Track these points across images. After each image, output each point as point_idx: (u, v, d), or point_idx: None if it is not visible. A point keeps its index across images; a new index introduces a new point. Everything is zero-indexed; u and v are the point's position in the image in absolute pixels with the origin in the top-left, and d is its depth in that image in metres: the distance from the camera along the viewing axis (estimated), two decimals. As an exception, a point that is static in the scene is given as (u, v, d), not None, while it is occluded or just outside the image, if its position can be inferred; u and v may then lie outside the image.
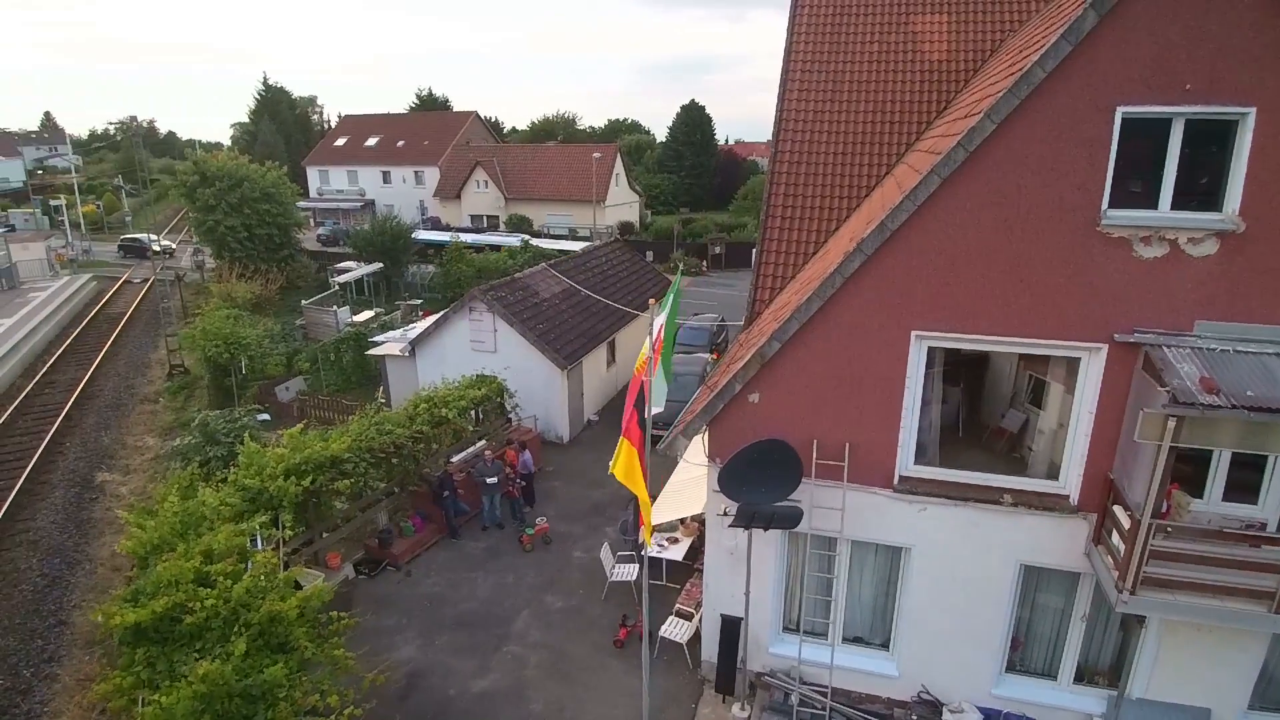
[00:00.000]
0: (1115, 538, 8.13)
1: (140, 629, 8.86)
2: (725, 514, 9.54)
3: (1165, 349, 7.70)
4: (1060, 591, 9.43)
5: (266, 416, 22.63)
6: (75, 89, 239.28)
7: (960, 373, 11.67)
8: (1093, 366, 8.30)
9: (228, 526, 11.08)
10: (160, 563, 9.71)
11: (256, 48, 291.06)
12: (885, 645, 10.39)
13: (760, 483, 9.19)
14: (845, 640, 10.49)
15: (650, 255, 47.56)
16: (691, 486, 12.85)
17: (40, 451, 19.16)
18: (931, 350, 9.00)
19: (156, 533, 10.90)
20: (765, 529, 9.19)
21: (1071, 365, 8.67)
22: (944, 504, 9.24)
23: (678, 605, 12.36)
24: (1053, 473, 9.05)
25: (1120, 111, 7.40)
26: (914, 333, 8.77)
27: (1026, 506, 8.91)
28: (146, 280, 41.40)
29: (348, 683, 9.21)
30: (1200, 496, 8.54)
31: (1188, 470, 8.48)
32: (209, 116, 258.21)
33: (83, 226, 55.90)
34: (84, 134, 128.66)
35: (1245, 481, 8.50)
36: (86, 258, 50.63)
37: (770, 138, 16.16)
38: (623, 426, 7.47)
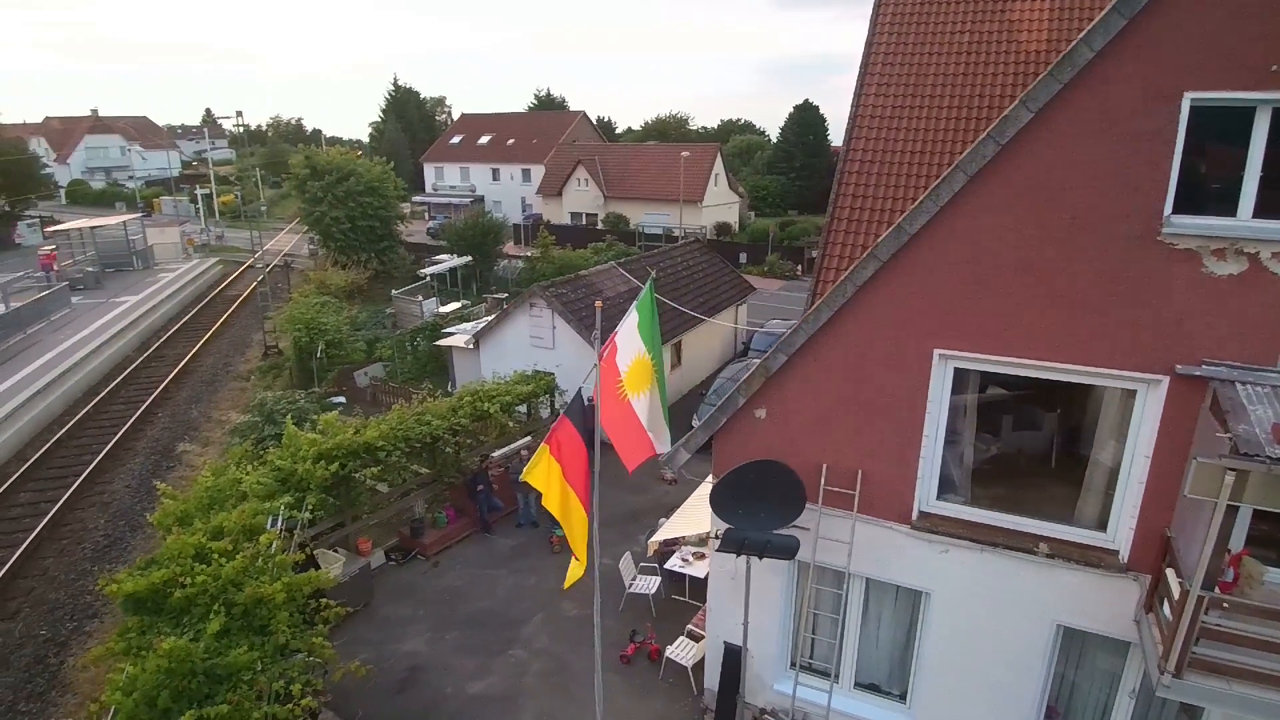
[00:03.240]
0: (1167, 607, 6.82)
1: (139, 599, 9.11)
2: (715, 537, 8.79)
3: (1237, 386, 6.37)
4: (1106, 661, 8.11)
5: (342, 400, 23.52)
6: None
7: (1058, 395, 10.29)
8: (1150, 402, 7.02)
9: (252, 505, 11.35)
10: (172, 536, 10.00)
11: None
12: (903, 697, 9.31)
13: (758, 507, 8.39)
14: (858, 686, 9.50)
15: (744, 258, 46.57)
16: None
17: (132, 420, 20.64)
18: (961, 372, 7.93)
19: (182, 507, 11.31)
20: (760, 558, 8.38)
21: (1127, 399, 7.38)
22: (969, 548, 8.12)
23: (689, 626, 11.66)
24: (1101, 522, 7.76)
25: (1188, 98, 6.16)
26: (937, 351, 7.73)
27: (1066, 559, 7.68)
28: (268, 266, 44.37)
29: (319, 673, 9.12)
30: (1283, 566, 7.08)
31: (1271, 532, 7.05)
32: (352, 115, 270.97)
33: (217, 214, 60.60)
34: (239, 130, 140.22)
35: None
36: (219, 243, 54.92)
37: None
38: (548, 434, 6.74)
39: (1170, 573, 6.89)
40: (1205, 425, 6.59)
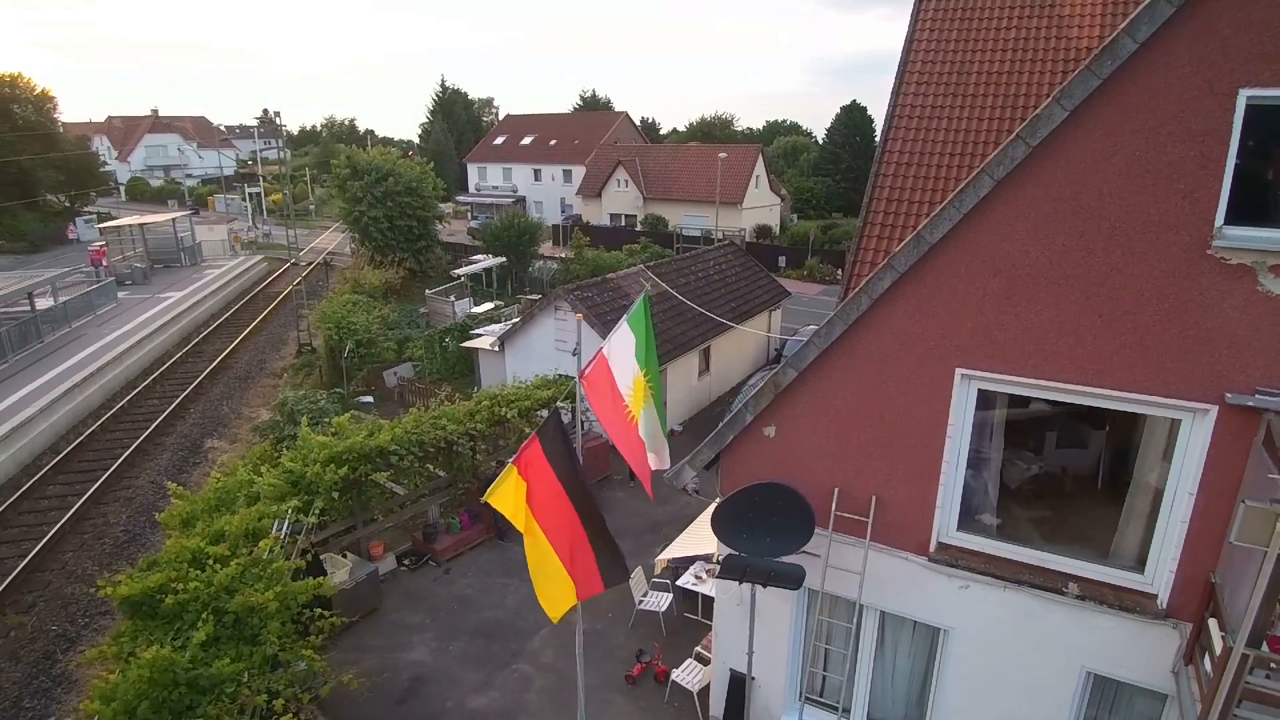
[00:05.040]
0: (1208, 661, 6.13)
1: (134, 602, 9.01)
2: (716, 563, 8.31)
3: (1297, 419, 5.67)
4: (1140, 713, 7.39)
5: (370, 399, 23.61)
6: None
7: (1094, 419, 9.55)
8: (1196, 433, 6.32)
9: (257, 508, 11.24)
10: (170, 539, 9.92)
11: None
12: (920, 739, 8.69)
13: (764, 531, 7.90)
14: (872, 724, 8.91)
15: (783, 261, 45.76)
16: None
17: (165, 415, 20.95)
18: (986, 394, 7.31)
19: (188, 508, 11.25)
20: (763, 585, 7.88)
21: (1170, 429, 6.68)
22: (992, 584, 7.49)
23: (698, 649, 11.17)
24: (1139, 563, 7.06)
25: (1244, 96, 5.48)
26: (960, 371, 7.12)
27: (1098, 601, 7.00)
28: (309, 264, 45.14)
29: (307, 685, 8.89)
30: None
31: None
32: (404, 116, 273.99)
33: (264, 212, 61.97)
34: (295, 130, 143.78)
35: None
36: (266, 240, 56.12)
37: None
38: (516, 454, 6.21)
39: (1213, 623, 6.19)
40: (1257, 462, 5.89)
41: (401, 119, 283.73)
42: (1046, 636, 7.35)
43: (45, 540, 14.43)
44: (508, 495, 5.84)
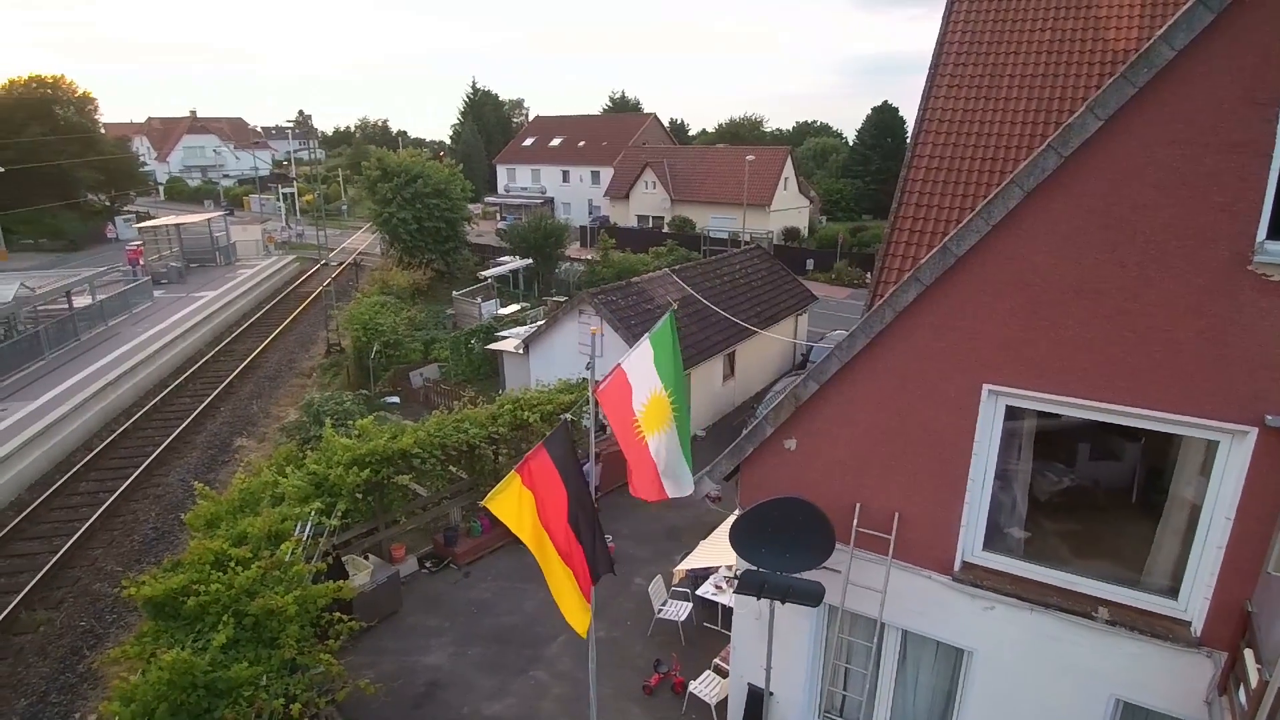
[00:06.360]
0: (1243, 693, 5.88)
1: (157, 603, 9.13)
2: (734, 577, 8.18)
3: (1343, 445, 5.40)
4: (1174, 744, 7.12)
5: (396, 400, 23.81)
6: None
7: (1129, 435, 9.22)
8: (1234, 456, 6.06)
9: (280, 509, 11.35)
10: (193, 540, 10.03)
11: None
12: (942, 761, 8.48)
13: (783, 546, 7.74)
14: (892, 744, 8.71)
15: (810, 264, 45.33)
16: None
17: (195, 414, 21.32)
18: (1014, 410, 7.10)
19: (213, 509, 11.38)
20: (782, 602, 7.74)
21: (1207, 451, 6.42)
22: (1017, 606, 7.27)
23: (716, 660, 11.05)
24: (1172, 589, 6.81)
25: (1289, 105, 5.25)
26: (987, 387, 6.92)
27: (1128, 627, 6.76)
28: (339, 264, 45.74)
29: (324, 689, 8.93)
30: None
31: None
32: (438, 116, 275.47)
33: (297, 212, 62.95)
34: (329, 130, 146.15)
35: None
36: (299, 240, 57.00)
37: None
38: (520, 462, 6.22)
39: (1249, 654, 5.93)
40: (1301, 488, 5.63)
41: (434, 120, 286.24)
42: (1074, 662, 7.11)
43: (76, 537, 14.73)
44: (509, 503, 5.80)
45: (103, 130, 63.66)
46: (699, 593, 12.55)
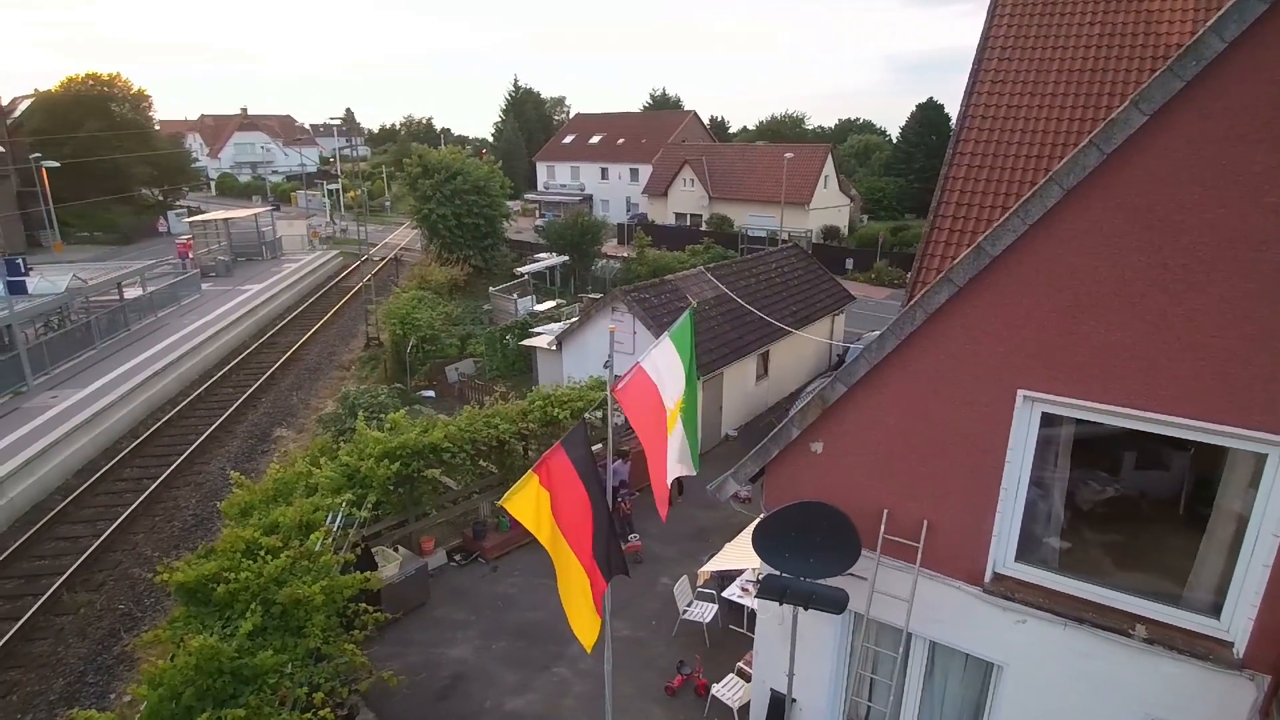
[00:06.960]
0: (1292, 722, 5.58)
1: (189, 589, 9.34)
2: (756, 581, 8.05)
3: (1405, 461, 5.08)
4: (1215, 770, 6.80)
5: (431, 394, 24.09)
6: None
7: (1174, 445, 8.84)
8: (1284, 469, 5.76)
9: (314, 499, 11.53)
10: (226, 528, 10.24)
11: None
12: (969, 777, 8.24)
13: (807, 551, 7.60)
14: (918, 757, 8.50)
15: (850, 263, 44.70)
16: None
17: (237, 404, 21.85)
18: (1050, 417, 6.84)
19: (248, 497, 11.62)
20: (804, 608, 7.59)
21: (1255, 464, 6.11)
22: (1051, 620, 7.02)
23: (739, 664, 10.92)
24: (1215, 607, 6.49)
25: (1350, 100, 4.94)
26: (1021, 393, 6.68)
27: (1167, 646, 6.47)
28: (380, 260, 46.51)
29: (348, 679, 9.03)
30: None
31: None
32: (481, 114, 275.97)
33: (341, 208, 64.17)
34: (375, 128, 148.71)
35: None
36: (343, 235, 58.11)
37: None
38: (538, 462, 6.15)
39: (1301, 681, 5.63)
40: (1358, 506, 5.32)
41: (477, 118, 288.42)
42: (1109, 679, 6.84)
43: (118, 522, 15.19)
44: (527, 503, 5.77)
45: (157, 127, 65.68)
46: (725, 594, 12.42)
